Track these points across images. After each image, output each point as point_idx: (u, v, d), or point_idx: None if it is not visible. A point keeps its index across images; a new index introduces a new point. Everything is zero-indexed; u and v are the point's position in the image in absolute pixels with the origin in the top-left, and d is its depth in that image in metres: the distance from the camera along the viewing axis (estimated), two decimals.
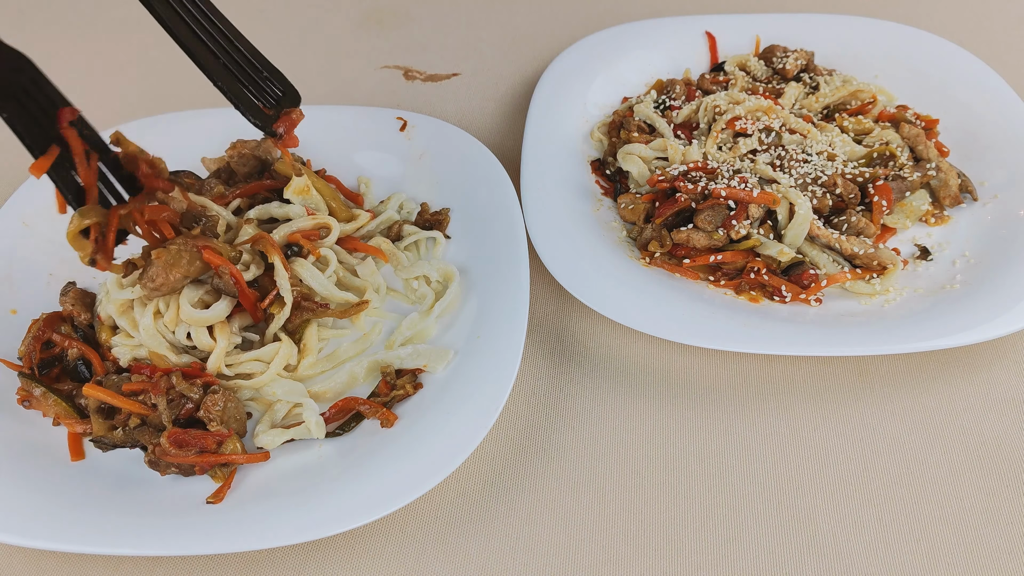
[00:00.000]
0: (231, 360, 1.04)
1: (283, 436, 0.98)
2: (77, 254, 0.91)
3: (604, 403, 1.06)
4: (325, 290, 1.08)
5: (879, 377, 1.07)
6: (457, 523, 0.95)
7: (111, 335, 1.08)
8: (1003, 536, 0.92)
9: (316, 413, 1.00)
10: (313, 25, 1.70)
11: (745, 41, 1.50)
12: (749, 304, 1.11)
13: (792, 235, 1.14)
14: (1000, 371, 1.07)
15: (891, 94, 1.40)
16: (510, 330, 1.03)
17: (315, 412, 1.00)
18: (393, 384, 1.03)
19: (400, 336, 1.08)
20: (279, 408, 1.03)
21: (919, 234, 1.21)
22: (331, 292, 1.09)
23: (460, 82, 1.57)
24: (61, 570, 0.92)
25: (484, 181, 1.23)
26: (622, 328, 1.13)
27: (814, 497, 0.96)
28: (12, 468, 0.95)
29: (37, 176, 0.86)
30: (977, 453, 1.00)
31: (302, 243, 1.10)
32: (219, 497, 0.92)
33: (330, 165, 1.30)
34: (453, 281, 1.12)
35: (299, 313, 1.06)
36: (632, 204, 1.21)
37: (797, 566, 0.91)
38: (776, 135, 1.26)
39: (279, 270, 1.04)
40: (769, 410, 1.05)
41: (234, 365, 1.04)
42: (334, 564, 0.92)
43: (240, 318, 1.05)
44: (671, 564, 0.91)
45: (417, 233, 1.19)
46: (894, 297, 1.11)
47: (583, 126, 1.38)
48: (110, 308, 1.06)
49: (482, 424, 0.94)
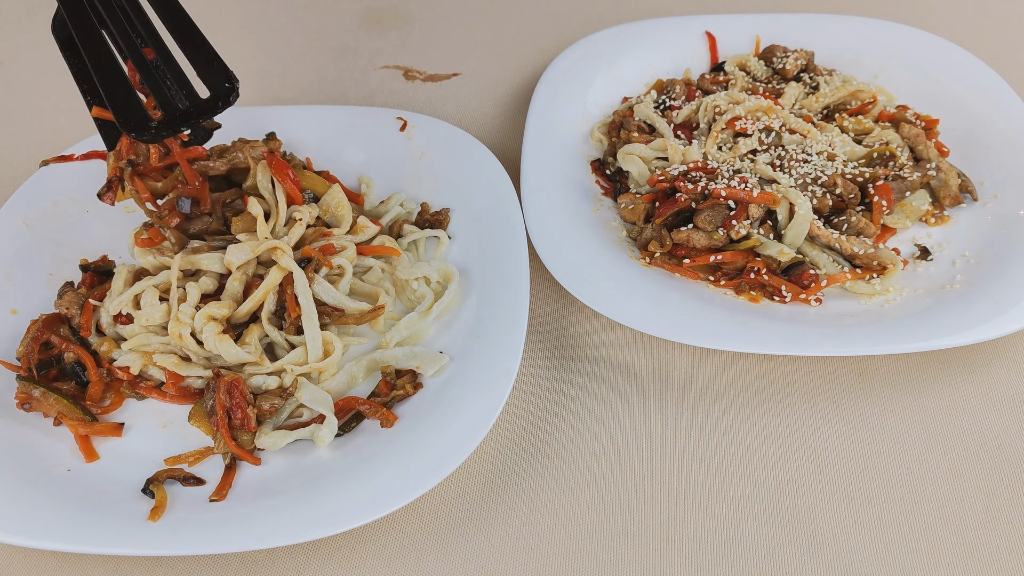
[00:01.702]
0: (256, 370, 1.03)
1: (287, 438, 0.98)
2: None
3: (604, 403, 1.06)
4: (339, 303, 1.08)
5: (879, 377, 1.07)
6: (457, 523, 0.95)
7: (113, 347, 1.06)
8: (1003, 536, 0.92)
9: (334, 431, 0.98)
10: (313, 25, 1.70)
11: (745, 41, 1.50)
12: (749, 304, 1.11)
13: (792, 235, 1.14)
14: (1000, 371, 1.07)
15: (891, 94, 1.40)
16: (510, 330, 1.03)
17: (333, 430, 0.98)
18: (393, 384, 1.03)
19: (397, 335, 1.08)
20: (283, 410, 1.02)
21: (919, 234, 1.21)
22: (345, 304, 1.08)
23: (460, 82, 1.57)
24: (61, 570, 0.92)
25: (484, 181, 1.23)
26: (622, 328, 1.13)
27: (814, 497, 0.96)
28: (12, 468, 0.95)
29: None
30: (977, 453, 1.00)
31: (316, 256, 1.09)
32: (222, 494, 0.92)
33: (330, 165, 1.30)
34: (452, 282, 1.12)
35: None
36: (632, 204, 1.21)
37: (797, 566, 0.91)
38: (776, 135, 1.26)
39: (300, 286, 1.05)
40: (769, 410, 1.05)
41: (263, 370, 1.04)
42: (334, 564, 0.92)
43: (257, 328, 1.05)
44: (671, 564, 0.91)
45: (417, 232, 1.19)
46: (894, 297, 1.11)
47: (583, 126, 1.38)
48: (117, 284, 1.07)
49: (482, 424, 0.94)
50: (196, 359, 1.04)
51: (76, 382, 1.05)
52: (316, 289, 1.07)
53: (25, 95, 1.57)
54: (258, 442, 0.98)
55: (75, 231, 1.22)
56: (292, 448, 0.99)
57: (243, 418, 0.97)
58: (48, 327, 1.07)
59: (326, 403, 1.00)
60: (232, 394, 0.98)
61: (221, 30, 1.69)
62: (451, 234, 1.21)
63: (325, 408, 0.99)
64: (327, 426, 0.98)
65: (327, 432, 0.97)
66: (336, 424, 0.99)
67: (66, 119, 1.51)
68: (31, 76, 1.61)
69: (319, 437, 0.97)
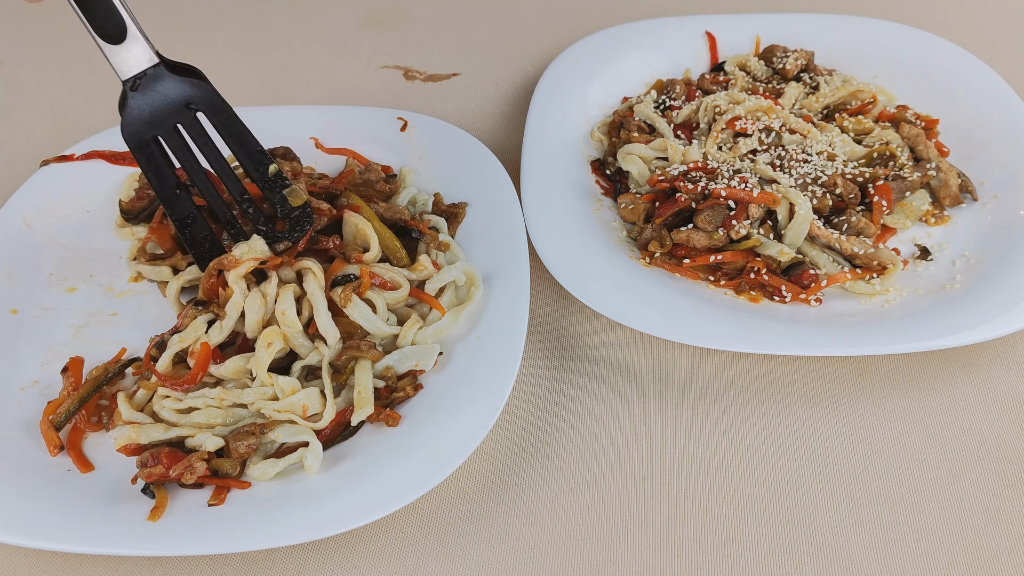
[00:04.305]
0: (265, 406, 0.99)
1: (276, 467, 0.94)
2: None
3: (604, 403, 1.06)
4: (376, 329, 1.05)
5: (879, 377, 1.07)
6: (457, 523, 0.95)
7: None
8: (1003, 536, 0.92)
9: (319, 456, 0.95)
10: (313, 25, 1.70)
11: (745, 41, 1.50)
12: (749, 304, 1.11)
13: (792, 235, 1.14)
14: (1000, 371, 1.07)
15: (891, 94, 1.40)
16: (510, 330, 1.03)
17: (318, 455, 0.94)
18: (393, 386, 1.03)
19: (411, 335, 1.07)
20: (273, 440, 0.98)
21: (919, 234, 1.21)
22: (382, 331, 1.06)
23: (460, 82, 1.57)
24: (61, 570, 0.92)
25: (484, 181, 1.23)
26: (622, 328, 1.13)
27: (814, 497, 0.96)
28: (13, 468, 0.95)
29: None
30: (977, 453, 1.00)
31: (363, 279, 1.05)
32: (220, 499, 0.92)
33: (331, 166, 1.30)
34: (476, 286, 1.09)
35: (346, 350, 1.02)
36: (632, 204, 1.21)
37: (797, 566, 0.91)
38: (776, 135, 1.26)
39: (319, 311, 1.03)
40: (769, 410, 1.05)
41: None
42: (334, 564, 0.92)
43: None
44: (671, 564, 0.91)
45: (442, 228, 1.19)
46: (894, 297, 1.11)
47: (583, 126, 1.38)
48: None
49: (482, 424, 0.94)
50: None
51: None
52: (352, 311, 1.04)
53: (25, 95, 1.57)
54: (248, 473, 0.95)
55: (75, 231, 1.22)
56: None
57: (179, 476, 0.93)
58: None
59: (304, 431, 0.97)
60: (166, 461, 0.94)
61: (221, 30, 1.69)
62: (452, 234, 1.21)
63: (307, 435, 0.96)
64: (312, 452, 0.94)
65: (313, 459, 0.94)
66: (320, 448, 0.95)
67: (66, 119, 1.51)
68: (31, 76, 1.61)
69: (307, 466, 0.94)
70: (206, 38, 1.67)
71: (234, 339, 1.04)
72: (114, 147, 1.30)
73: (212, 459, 0.95)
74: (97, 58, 1.50)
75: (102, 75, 1.61)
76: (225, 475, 0.94)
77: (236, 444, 0.95)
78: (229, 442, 0.95)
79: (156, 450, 0.95)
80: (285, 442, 0.97)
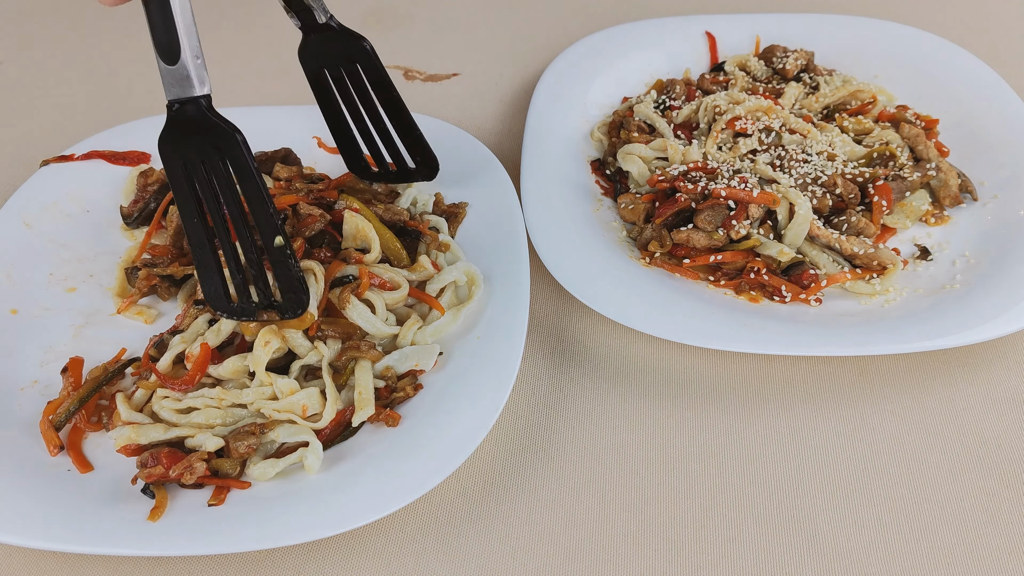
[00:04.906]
0: (265, 405, 0.99)
1: (276, 467, 0.94)
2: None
3: (604, 403, 1.06)
4: (375, 329, 1.05)
5: (879, 377, 1.07)
6: (457, 523, 0.95)
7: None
8: (1003, 536, 0.92)
9: (320, 456, 0.94)
10: None
11: (745, 41, 1.50)
12: (749, 304, 1.11)
13: (792, 235, 1.14)
14: (1000, 371, 1.07)
15: (891, 94, 1.40)
16: (510, 330, 1.03)
17: (319, 454, 0.94)
18: (393, 386, 1.03)
19: (410, 335, 1.07)
20: (273, 440, 0.98)
21: (919, 234, 1.21)
22: (381, 331, 1.05)
23: (460, 82, 1.57)
24: (61, 570, 0.92)
25: (484, 181, 1.23)
26: (622, 328, 1.13)
27: (814, 497, 0.96)
28: (13, 468, 0.95)
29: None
30: (977, 453, 1.00)
31: (363, 280, 1.06)
32: (220, 499, 0.92)
33: (332, 166, 1.30)
34: (477, 285, 1.10)
35: (345, 350, 1.02)
36: (632, 204, 1.21)
37: (797, 566, 0.91)
38: (776, 135, 1.26)
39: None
40: (769, 410, 1.05)
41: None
42: (334, 564, 0.92)
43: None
44: (671, 564, 0.91)
45: (443, 226, 1.19)
46: (894, 297, 1.11)
47: (583, 126, 1.38)
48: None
49: (482, 424, 0.94)
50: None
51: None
52: (350, 312, 1.04)
53: (25, 95, 1.57)
54: (248, 473, 0.95)
55: (75, 231, 1.23)
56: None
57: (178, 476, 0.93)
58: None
59: (304, 431, 0.97)
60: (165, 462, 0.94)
61: (221, 30, 1.69)
62: (452, 234, 1.21)
63: (307, 435, 0.96)
64: (312, 452, 0.94)
65: (313, 459, 0.93)
66: (321, 448, 0.95)
67: (66, 119, 1.51)
68: (31, 76, 1.62)
69: (307, 466, 0.93)
70: (206, 38, 1.66)
71: (232, 339, 1.04)
72: (114, 147, 1.30)
73: (212, 459, 0.95)
74: (97, 58, 1.50)
75: (102, 75, 1.61)
76: (225, 475, 0.94)
77: (236, 444, 0.95)
78: (229, 442, 0.95)
79: (156, 450, 0.95)
80: (285, 442, 0.97)
